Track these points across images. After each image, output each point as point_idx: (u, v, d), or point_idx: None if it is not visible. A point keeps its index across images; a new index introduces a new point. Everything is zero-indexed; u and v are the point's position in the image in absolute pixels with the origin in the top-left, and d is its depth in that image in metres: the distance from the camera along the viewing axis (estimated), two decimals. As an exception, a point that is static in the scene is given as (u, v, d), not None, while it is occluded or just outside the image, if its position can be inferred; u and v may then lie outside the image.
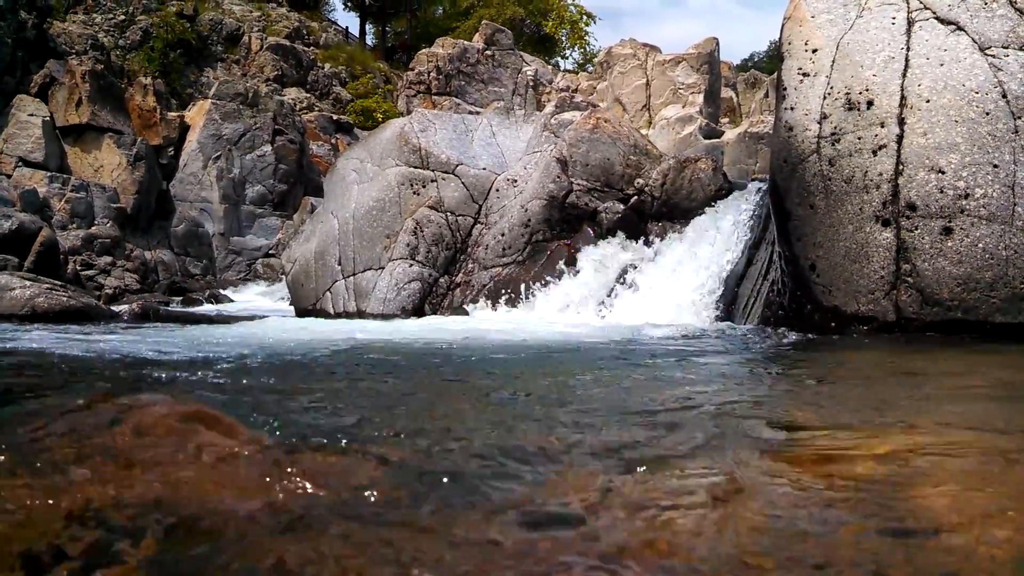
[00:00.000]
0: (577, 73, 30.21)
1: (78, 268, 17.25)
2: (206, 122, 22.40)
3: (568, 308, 8.53)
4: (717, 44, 23.93)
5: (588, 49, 38.69)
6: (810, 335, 5.75)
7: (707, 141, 20.97)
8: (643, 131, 18.31)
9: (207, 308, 14.40)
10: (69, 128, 19.90)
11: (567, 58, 39.58)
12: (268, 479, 1.40)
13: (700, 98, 22.78)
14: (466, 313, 9.17)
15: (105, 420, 1.52)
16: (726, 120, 25.93)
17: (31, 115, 19.34)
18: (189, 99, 25.19)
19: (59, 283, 9.15)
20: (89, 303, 7.92)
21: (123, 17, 25.90)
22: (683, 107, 22.71)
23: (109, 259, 18.42)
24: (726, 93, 27.20)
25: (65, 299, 7.51)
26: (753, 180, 10.08)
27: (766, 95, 26.07)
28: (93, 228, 18.86)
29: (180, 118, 22.62)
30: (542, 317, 8.29)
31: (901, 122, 5.66)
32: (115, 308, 9.54)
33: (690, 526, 1.39)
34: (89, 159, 20.02)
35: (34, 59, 20.45)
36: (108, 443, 1.41)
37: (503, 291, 9.27)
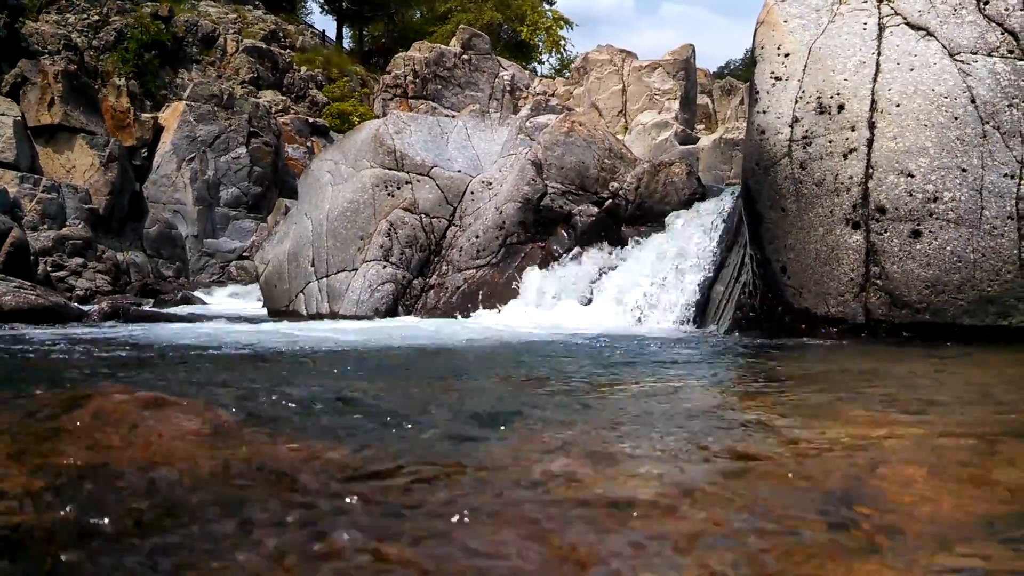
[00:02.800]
0: (554, 78, 30.25)
1: (49, 269, 17.06)
2: (180, 124, 22.24)
3: (540, 311, 8.53)
4: (693, 51, 24.03)
5: (565, 55, 38.78)
6: (780, 337, 5.78)
7: (682, 147, 21.04)
8: (619, 136, 18.37)
9: (178, 309, 14.27)
10: (41, 128, 19.69)
11: (544, 64, 39.65)
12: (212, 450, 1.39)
13: (676, 104, 22.87)
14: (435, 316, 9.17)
15: (65, 406, 1.50)
16: (701, 126, 26.04)
17: (2, 115, 19.11)
18: (163, 100, 25.02)
19: (28, 283, 9.04)
20: (58, 302, 7.84)
21: (97, 17, 25.69)
22: (659, 113, 22.78)
23: (80, 260, 18.23)
24: (702, 100, 27.32)
25: (33, 298, 7.43)
26: (728, 185, 10.14)
27: (741, 102, 26.19)
28: (64, 229, 18.66)
29: (154, 119, 22.44)
30: (511, 320, 8.27)
31: (871, 126, 5.71)
32: (84, 308, 9.44)
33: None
34: (61, 160, 19.81)
35: (5, 58, 20.24)
36: (66, 424, 1.39)
37: (476, 294, 9.26)
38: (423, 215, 9.96)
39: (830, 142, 5.82)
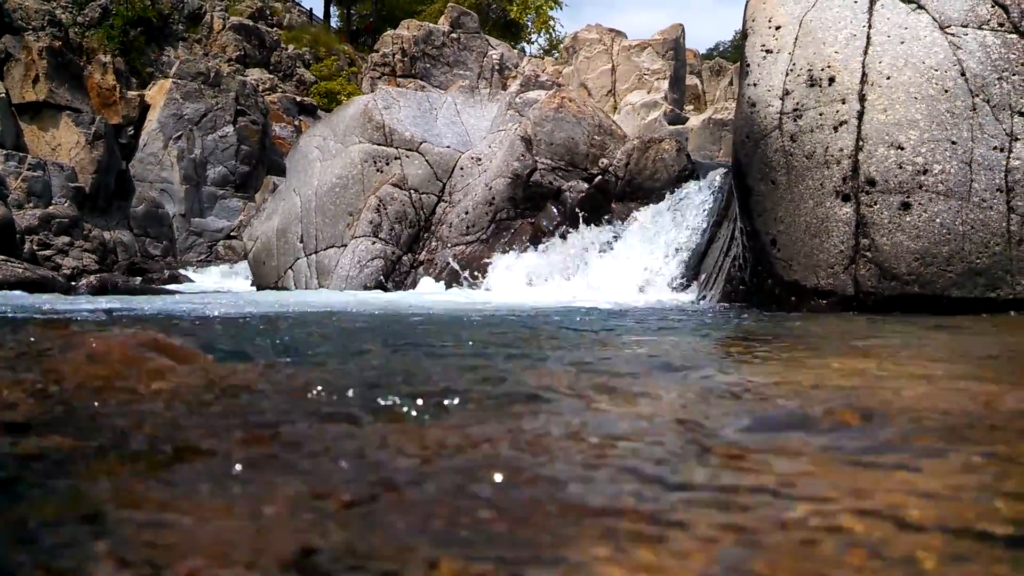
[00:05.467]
0: (543, 58, 30.14)
1: (35, 248, 16.96)
2: (167, 101, 22.07)
3: (531, 285, 8.53)
4: (683, 31, 23.98)
5: (554, 35, 38.63)
6: (769, 309, 5.80)
7: (671, 127, 21.02)
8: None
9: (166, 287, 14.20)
10: (26, 105, 19.50)
11: (533, 43, 39.48)
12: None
13: (665, 84, 22.84)
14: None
15: (62, 342, 1.50)
16: (691, 107, 26.03)
17: (-14, 91, 18.93)
18: (149, 78, 24.79)
19: (15, 259, 8.99)
20: (46, 275, 7.80)
21: (82, -7, 25.40)
22: (648, 93, 22.76)
23: (67, 239, 18.11)
24: (691, 80, 27.28)
25: (21, 271, 7.39)
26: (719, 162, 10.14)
27: (731, 83, 26.18)
28: (50, 207, 18.53)
29: (140, 97, 22.26)
30: (502, 295, 8.27)
31: (862, 99, 5.72)
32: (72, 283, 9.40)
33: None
34: (47, 137, 19.65)
35: (-11, 34, 20.01)
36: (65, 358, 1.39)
37: (466, 269, 9.25)
38: (412, 191, 9.94)
39: (820, 115, 5.83)
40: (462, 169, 10.03)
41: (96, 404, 1.42)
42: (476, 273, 9.14)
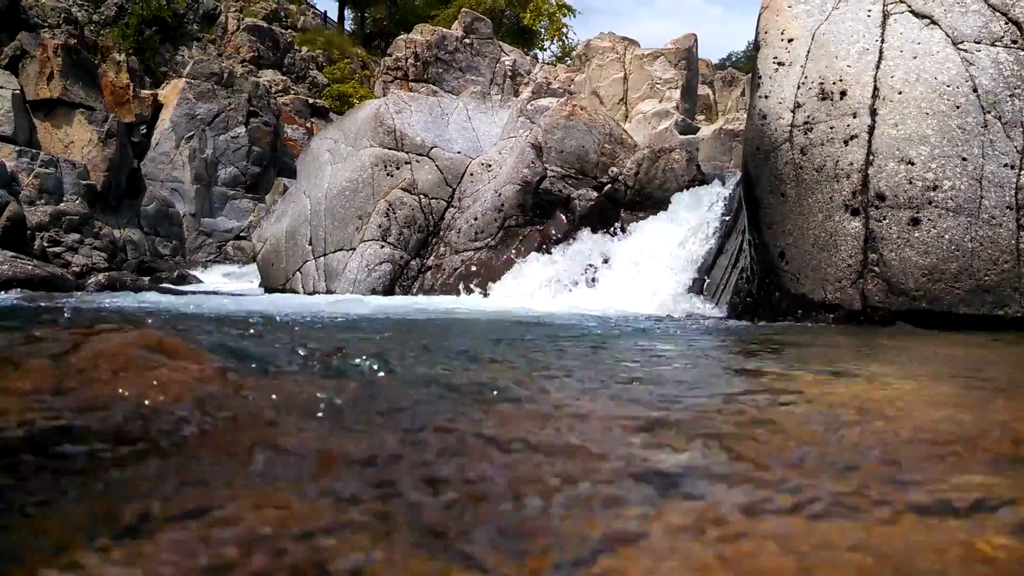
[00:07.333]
0: (555, 65, 30.19)
1: (45, 244, 17.00)
2: (180, 101, 22.17)
3: (537, 293, 8.53)
4: (696, 40, 23.97)
5: (566, 42, 38.71)
6: (776, 321, 5.80)
7: (683, 137, 20.96)
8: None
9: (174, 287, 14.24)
10: (40, 102, 19.57)
11: (545, 50, 39.55)
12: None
13: (677, 94, 22.82)
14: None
15: (69, 343, 1.52)
16: (702, 117, 26.00)
17: (1, 88, 19.02)
18: (163, 77, 24.92)
19: (25, 255, 9.02)
20: (55, 272, 7.84)
21: (98, -8, 25.55)
22: (660, 102, 22.73)
23: (77, 236, 18.16)
24: (703, 90, 27.27)
25: (30, 268, 7.42)
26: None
27: (743, 93, 26.19)
28: (62, 204, 18.58)
29: (153, 96, 22.37)
30: (508, 302, 8.28)
31: (873, 113, 5.71)
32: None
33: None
34: (59, 134, 19.72)
35: (5, 31, 20.14)
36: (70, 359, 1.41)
37: (474, 276, 9.25)
38: (422, 196, 9.95)
39: (831, 128, 5.82)
40: (472, 175, 10.05)
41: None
42: (482, 280, 9.14)
